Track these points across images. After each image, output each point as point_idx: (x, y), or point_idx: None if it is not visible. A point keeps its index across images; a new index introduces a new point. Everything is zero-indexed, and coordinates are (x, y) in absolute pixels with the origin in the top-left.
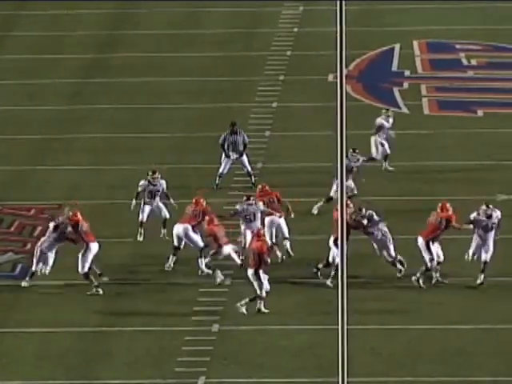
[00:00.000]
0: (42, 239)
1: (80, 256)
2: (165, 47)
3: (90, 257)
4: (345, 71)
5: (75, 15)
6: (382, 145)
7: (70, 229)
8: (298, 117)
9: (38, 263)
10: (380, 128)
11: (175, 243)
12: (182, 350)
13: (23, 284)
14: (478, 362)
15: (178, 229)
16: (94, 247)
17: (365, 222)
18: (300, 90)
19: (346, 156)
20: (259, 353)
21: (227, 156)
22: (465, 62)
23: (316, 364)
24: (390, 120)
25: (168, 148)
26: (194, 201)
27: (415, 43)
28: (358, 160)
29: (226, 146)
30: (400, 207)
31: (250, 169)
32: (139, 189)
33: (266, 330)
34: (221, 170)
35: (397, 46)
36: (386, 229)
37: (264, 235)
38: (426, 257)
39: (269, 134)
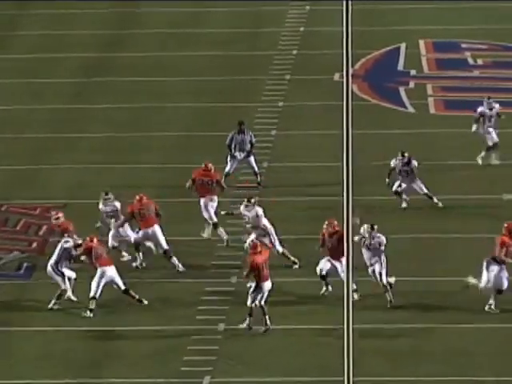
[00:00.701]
0: (52, 259)
1: (94, 279)
2: (169, 46)
3: (103, 282)
4: (351, 70)
5: (77, 15)
6: (489, 132)
7: (76, 252)
8: (304, 116)
9: (63, 283)
10: (482, 116)
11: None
12: (187, 350)
13: (50, 306)
14: (480, 362)
15: (150, 231)
16: (109, 271)
17: (356, 238)
18: (306, 89)
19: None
20: (265, 352)
21: (233, 157)
22: (471, 61)
23: (321, 364)
24: (496, 105)
25: (172, 147)
26: (137, 198)
27: (421, 42)
28: (408, 164)
29: (233, 146)
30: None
31: (256, 168)
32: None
33: (272, 329)
34: (227, 170)
35: (403, 46)
36: (384, 259)
37: (260, 246)
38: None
39: (275, 133)
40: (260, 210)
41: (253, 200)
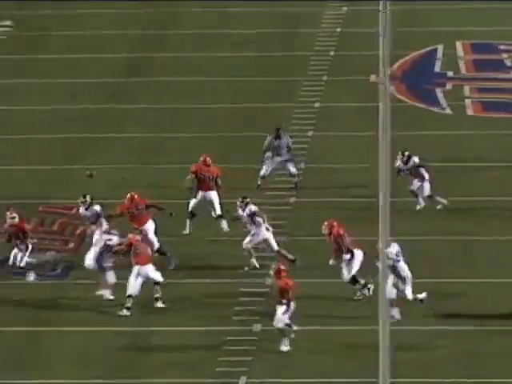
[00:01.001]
0: (91, 254)
1: (131, 277)
2: (206, 47)
3: (139, 281)
4: (388, 72)
5: (114, 14)
6: None
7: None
8: (341, 117)
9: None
10: None
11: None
12: (223, 350)
13: (101, 295)
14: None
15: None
16: (145, 269)
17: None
18: (343, 90)
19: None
20: (301, 353)
21: (268, 160)
22: (508, 63)
23: (356, 366)
24: None
25: (209, 148)
26: (129, 197)
27: (458, 44)
28: (407, 162)
29: (269, 151)
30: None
31: (293, 171)
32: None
33: (308, 330)
34: (263, 172)
35: (440, 47)
36: (407, 271)
37: (284, 271)
38: None
39: (312, 134)
40: (253, 207)
41: (247, 200)
